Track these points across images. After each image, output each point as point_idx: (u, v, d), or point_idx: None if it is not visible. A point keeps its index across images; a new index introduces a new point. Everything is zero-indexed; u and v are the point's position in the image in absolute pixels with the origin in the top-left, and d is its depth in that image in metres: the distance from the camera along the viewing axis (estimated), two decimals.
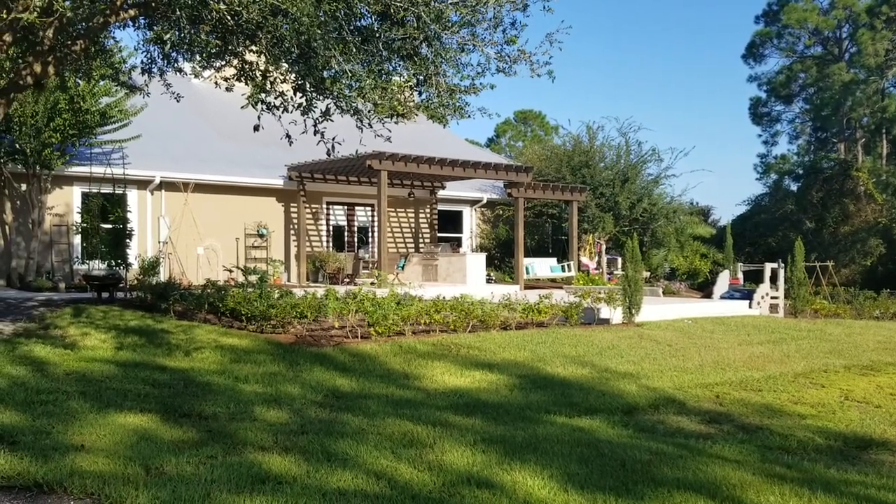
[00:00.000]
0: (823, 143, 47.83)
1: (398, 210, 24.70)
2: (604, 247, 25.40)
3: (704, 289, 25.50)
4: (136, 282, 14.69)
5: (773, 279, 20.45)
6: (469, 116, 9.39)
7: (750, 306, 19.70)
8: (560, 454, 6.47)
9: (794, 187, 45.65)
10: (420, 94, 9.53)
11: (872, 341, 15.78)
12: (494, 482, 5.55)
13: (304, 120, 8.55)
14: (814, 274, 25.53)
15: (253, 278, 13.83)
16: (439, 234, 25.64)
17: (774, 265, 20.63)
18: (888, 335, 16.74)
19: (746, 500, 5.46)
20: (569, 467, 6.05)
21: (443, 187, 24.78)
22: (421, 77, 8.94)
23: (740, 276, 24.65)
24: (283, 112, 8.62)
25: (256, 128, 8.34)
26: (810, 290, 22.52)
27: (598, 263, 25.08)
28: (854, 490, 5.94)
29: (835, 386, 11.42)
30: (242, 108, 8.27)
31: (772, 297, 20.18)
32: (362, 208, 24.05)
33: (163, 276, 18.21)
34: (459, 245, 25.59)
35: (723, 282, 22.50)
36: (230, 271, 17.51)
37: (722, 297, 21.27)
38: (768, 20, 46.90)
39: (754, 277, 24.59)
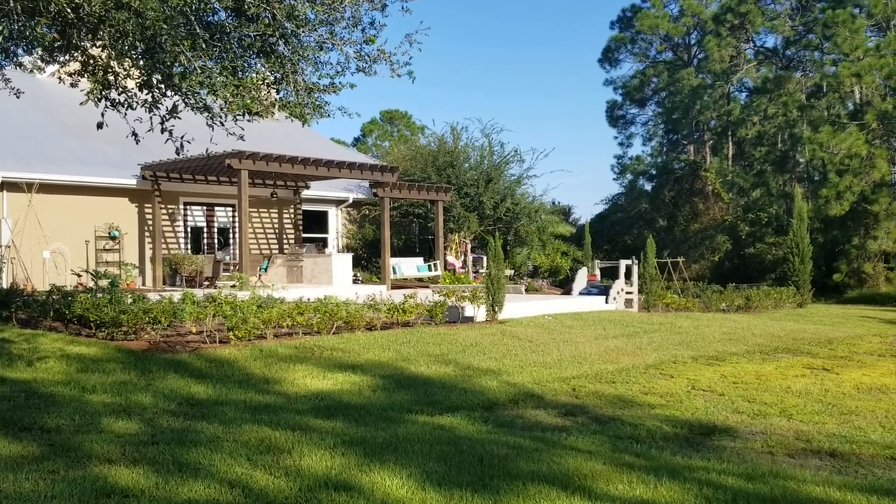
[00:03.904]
0: (675, 144, 50.16)
1: (261, 210, 24.18)
2: (469, 246, 25.76)
3: (565, 286, 26.22)
4: None
5: (628, 275, 21.24)
6: (329, 115, 9.28)
7: (606, 302, 20.43)
8: (420, 453, 6.50)
9: (648, 187, 47.75)
10: (278, 91, 9.35)
11: (718, 333, 16.66)
12: (353, 484, 5.51)
13: (151, 117, 8.21)
14: (666, 270, 26.75)
15: (103, 283, 13.22)
16: (304, 235, 25.27)
17: (629, 262, 21.43)
18: (732, 327, 17.73)
19: (597, 489, 5.65)
20: (428, 465, 6.09)
21: (307, 187, 24.44)
22: (278, 75, 8.76)
23: (598, 272, 25.50)
24: (128, 109, 8.26)
25: (100, 125, 7.95)
26: (662, 286, 23.57)
27: (464, 262, 25.42)
28: (697, 475, 6.23)
29: (683, 376, 11.99)
30: (82, 104, 7.86)
31: (626, 293, 20.98)
32: (222, 209, 23.39)
33: (5, 282, 17.15)
34: (325, 245, 25.32)
35: (581, 279, 23.21)
36: (79, 276, 16.66)
37: (581, 294, 21.95)
38: (623, 26, 48.79)
39: (611, 274, 25.48)
